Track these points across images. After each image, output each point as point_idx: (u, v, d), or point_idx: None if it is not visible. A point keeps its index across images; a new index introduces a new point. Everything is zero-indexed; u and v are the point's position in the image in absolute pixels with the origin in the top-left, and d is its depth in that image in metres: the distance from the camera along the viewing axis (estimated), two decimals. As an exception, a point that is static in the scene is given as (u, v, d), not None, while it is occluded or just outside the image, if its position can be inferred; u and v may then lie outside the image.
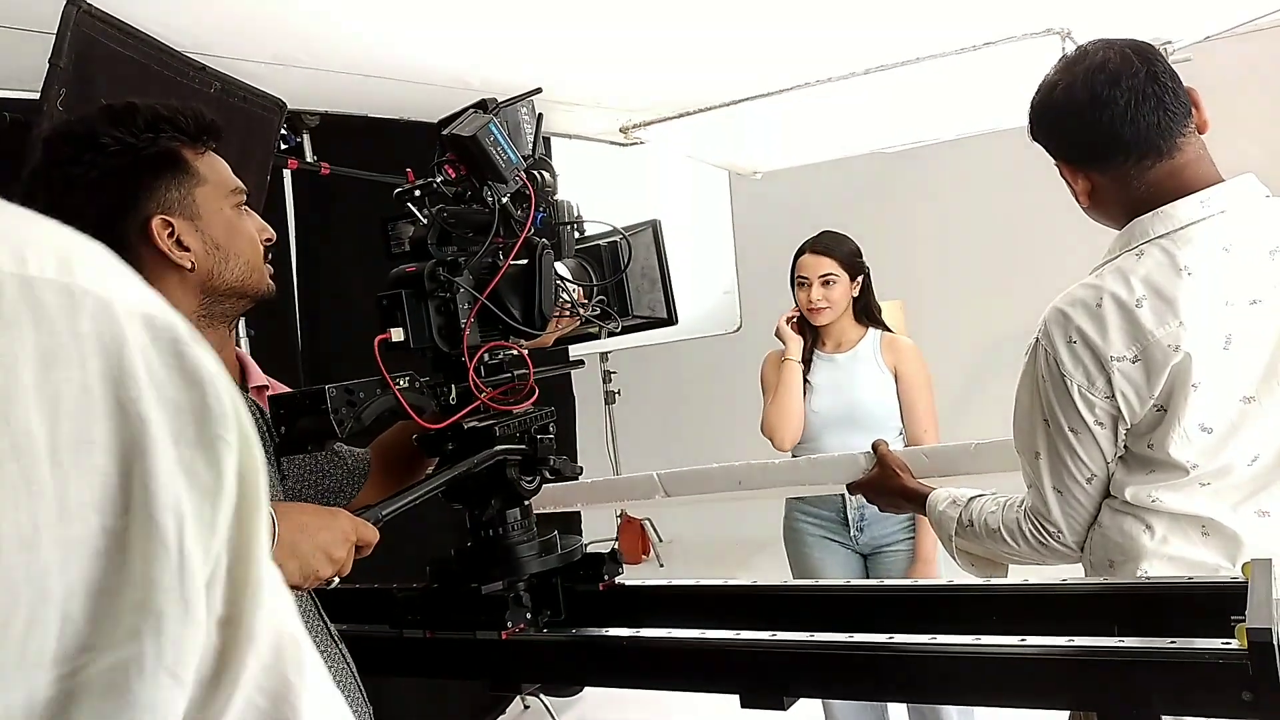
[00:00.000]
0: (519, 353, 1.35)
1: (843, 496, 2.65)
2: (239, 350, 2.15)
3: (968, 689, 1.13)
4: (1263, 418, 1.31)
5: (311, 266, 3.06)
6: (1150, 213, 1.36)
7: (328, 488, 1.46)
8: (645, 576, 1.52)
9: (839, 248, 2.76)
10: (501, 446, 1.30)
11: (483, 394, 1.28)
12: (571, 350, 2.75)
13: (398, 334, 1.23)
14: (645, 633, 1.26)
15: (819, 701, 2.73)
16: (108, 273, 0.35)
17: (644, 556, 6.18)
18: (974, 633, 1.09)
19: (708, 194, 4.73)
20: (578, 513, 3.83)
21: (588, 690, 3.83)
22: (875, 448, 1.90)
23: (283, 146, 2.66)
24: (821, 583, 2.36)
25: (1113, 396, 1.33)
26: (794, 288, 2.80)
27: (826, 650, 1.13)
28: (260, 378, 2.03)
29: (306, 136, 2.96)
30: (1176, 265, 1.31)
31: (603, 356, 5.52)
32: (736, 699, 1.16)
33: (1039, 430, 1.41)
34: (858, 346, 2.79)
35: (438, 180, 1.28)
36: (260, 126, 2.36)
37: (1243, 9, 3.10)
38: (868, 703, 2.75)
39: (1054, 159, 1.48)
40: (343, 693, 1.25)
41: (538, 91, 1.40)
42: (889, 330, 2.84)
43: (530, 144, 1.38)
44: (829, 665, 1.14)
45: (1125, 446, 1.37)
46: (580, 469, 1.44)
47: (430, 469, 1.43)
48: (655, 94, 3.39)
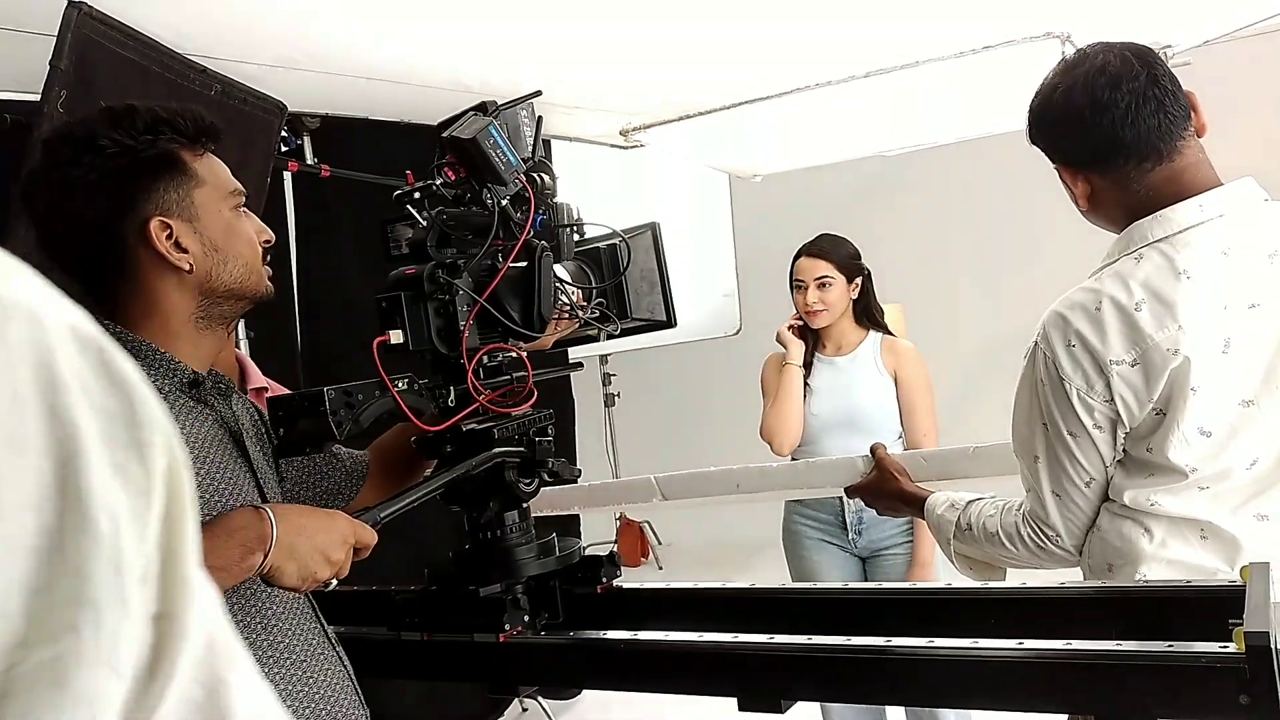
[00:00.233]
0: (518, 355, 1.35)
1: (841, 500, 2.65)
2: (238, 352, 2.16)
3: (965, 692, 1.13)
4: (1261, 421, 1.31)
5: (311, 268, 3.06)
6: (1149, 216, 1.36)
7: (326, 490, 1.46)
8: (644, 579, 1.52)
9: (835, 250, 2.76)
10: (500, 449, 1.30)
11: (481, 396, 1.28)
12: (571, 353, 2.75)
13: (397, 336, 1.23)
14: (643, 635, 1.26)
15: (817, 705, 2.72)
16: (36, 287, 0.36)
17: (643, 559, 6.17)
18: (972, 636, 1.09)
19: (708, 197, 4.73)
20: (577, 515, 3.84)
21: (586, 693, 3.83)
22: (873, 451, 1.90)
23: (283, 149, 2.67)
24: (819, 586, 2.36)
25: (1112, 400, 1.33)
26: (792, 291, 2.81)
27: (824, 653, 1.14)
28: (259, 379, 2.04)
29: (307, 139, 2.96)
30: (1175, 269, 1.31)
31: (602, 359, 5.51)
32: (734, 702, 1.16)
33: (1038, 434, 1.41)
34: (858, 349, 2.79)
35: (437, 182, 1.28)
36: (261, 129, 2.36)
37: (1241, 13, 3.10)
38: (866, 706, 2.74)
39: (1053, 162, 1.48)
40: (339, 695, 1.25)
41: (537, 94, 1.40)
42: (890, 333, 2.84)
43: (530, 146, 1.38)
44: (827, 668, 1.14)
45: (1124, 450, 1.37)
46: (579, 472, 1.45)
47: (428, 471, 1.43)
48: (655, 97, 3.40)
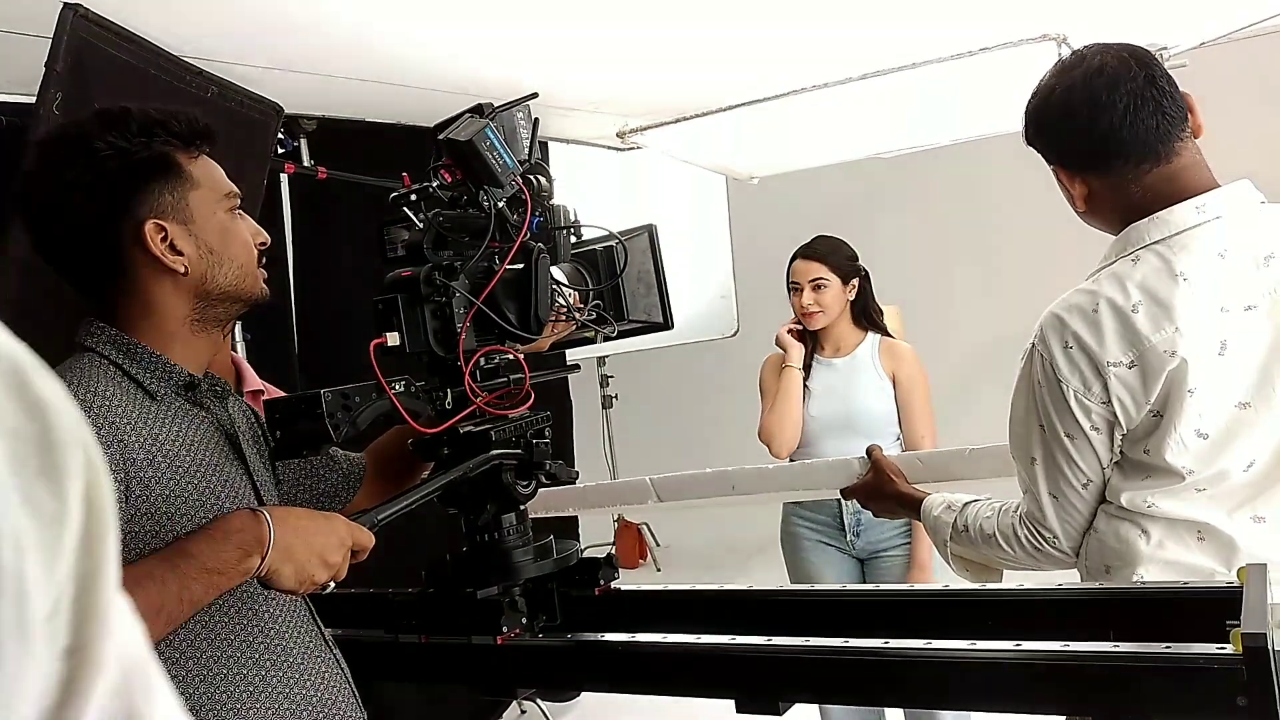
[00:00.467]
0: (515, 357, 1.35)
1: (839, 501, 2.64)
2: (234, 354, 2.15)
3: (963, 694, 1.13)
4: (1258, 424, 1.31)
5: (308, 270, 3.06)
6: (1146, 218, 1.36)
7: (322, 492, 1.46)
8: (642, 581, 1.52)
9: (830, 252, 2.76)
10: (497, 451, 1.30)
11: (478, 398, 1.28)
12: (568, 355, 2.75)
13: (393, 338, 1.23)
14: (641, 637, 1.26)
15: (815, 706, 2.72)
16: None
17: (641, 561, 6.17)
18: (970, 637, 1.09)
19: (704, 199, 4.73)
20: (575, 517, 3.83)
21: (584, 695, 3.83)
22: (869, 452, 1.89)
23: (280, 151, 2.66)
24: (817, 588, 2.36)
25: (1109, 402, 1.33)
26: (789, 293, 2.81)
27: (822, 655, 1.14)
28: (255, 382, 2.04)
29: (303, 141, 2.96)
30: (1173, 271, 1.31)
31: (600, 361, 5.51)
32: (732, 704, 1.16)
33: (1035, 436, 1.41)
34: (856, 351, 2.79)
35: (434, 185, 1.28)
36: (257, 131, 2.36)
37: (1238, 14, 3.10)
38: (864, 707, 2.74)
39: (1050, 163, 1.47)
40: (336, 697, 1.25)
41: (534, 96, 1.40)
42: (889, 334, 2.84)
43: (526, 148, 1.38)
44: (825, 670, 1.14)
45: (1121, 452, 1.37)
46: (577, 474, 1.44)
47: (425, 474, 1.43)
48: (652, 99, 3.40)
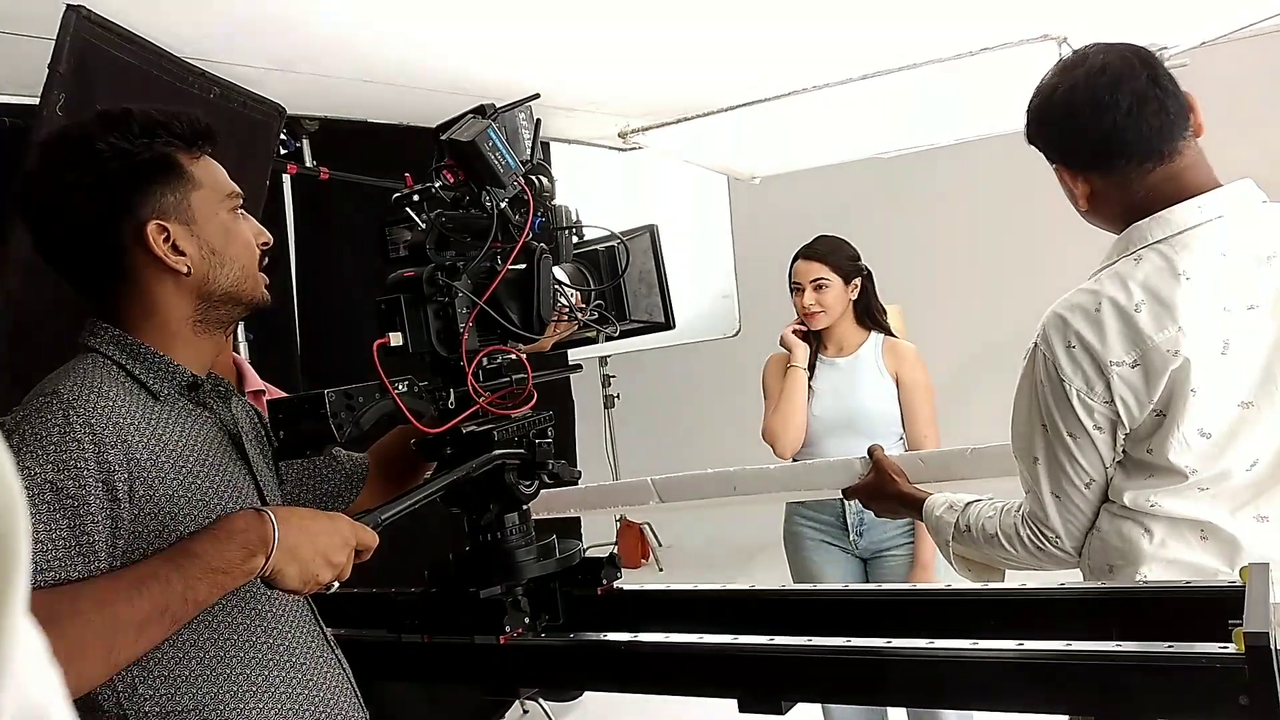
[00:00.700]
0: (517, 357, 1.35)
1: (842, 501, 2.65)
2: (235, 355, 2.16)
3: (966, 693, 1.13)
4: (1261, 423, 1.31)
5: (310, 271, 3.06)
6: (1149, 218, 1.36)
7: (325, 492, 1.46)
8: (644, 581, 1.53)
9: (831, 253, 2.76)
10: (500, 451, 1.30)
11: (481, 398, 1.28)
12: (570, 354, 2.75)
13: (396, 338, 1.23)
14: (643, 637, 1.26)
15: (818, 706, 2.72)
16: None
17: (643, 561, 6.17)
18: (973, 637, 1.09)
19: (706, 199, 4.73)
20: (577, 517, 3.83)
21: (586, 695, 3.83)
22: (871, 452, 1.90)
23: (282, 151, 2.67)
24: (820, 587, 2.36)
25: (1111, 401, 1.33)
26: (791, 294, 2.81)
27: (825, 654, 1.14)
28: (256, 382, 2.04)
29: (306, 141, 2.97)
30: (1175, 270, 1.31)
31: (602, 361, 5.52)
32: (735, 703, 1.16)
33: (1037, 435, 1.41)
34: (859, 351, 2.79)
35: (436, 185, 1.28)
36: (259, 131, 2.36)
37: (1238, 14, 3.10)
38: (867, 707, 2.74)
39: (1052, 162, 1.47)
40: (338, 697, 1.25)
41: (536, 97, 1.40)
42: (892, 334, 2.84)
43: (528, 149, 1.38)
44: (828, 669, 1.14)
45: (1124, 451, 1.37)
46: (579, 473, 1.45)
47: (428, 474, 1.43)
48: (653, 99, 3.40)
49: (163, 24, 1.95)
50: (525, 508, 1.37)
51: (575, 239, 1.48)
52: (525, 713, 3.91)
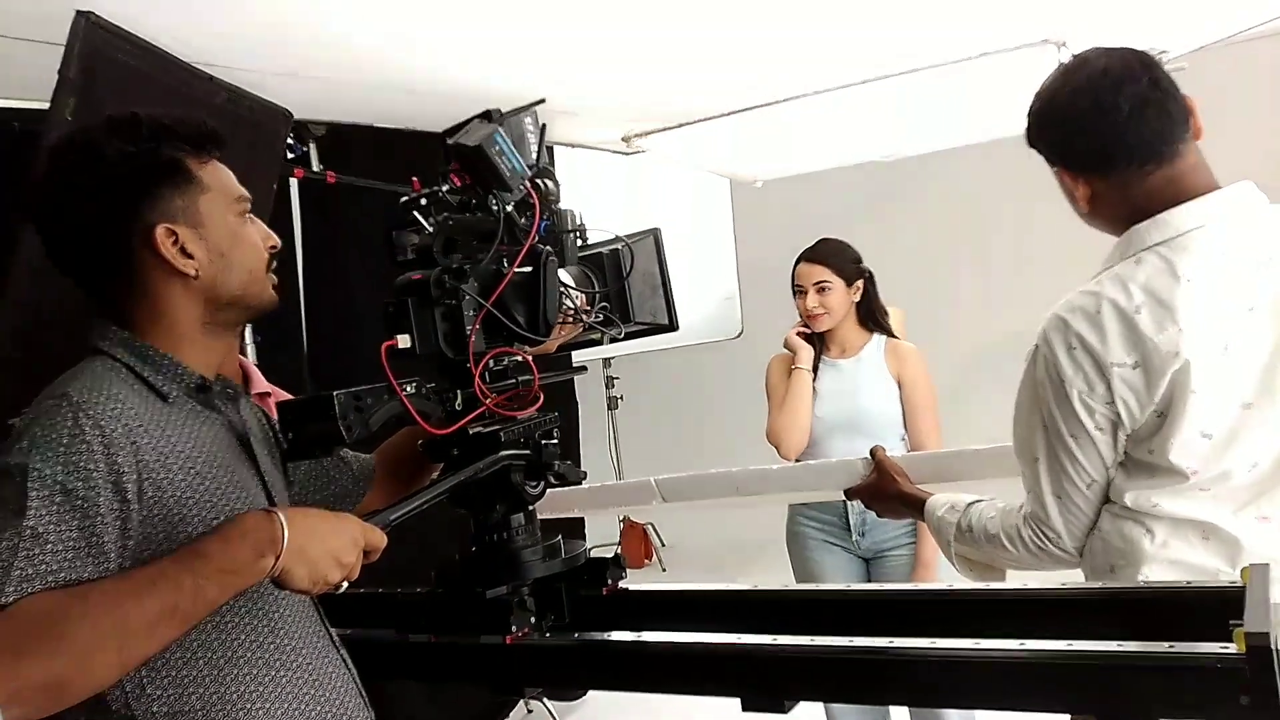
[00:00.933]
0: (524, 359, 1.36)
1: (845, 501, 2.66)
2: (241, 358, 2.17)
3: (968, 692, 1.14)
4: (1261, 424, 1.32)
5: (317, 274, 3.08)
6: (1149, 220, 1.37)
7: (333, 493, 1.47)
8: (647, 581, 1.53)
9: (833, 255, 2.77)
10: (506, 452, 1.31)
11: (488, 400, 1.29)
12: (573, 356, 2.76)
13: (404, 340, 1.24)
14: (647, 637, 1.27)
15: (820, 705, 2.73)
16: None
17: (646, 561, 6.17)
18: (974, 637, 1.10)
19: (709, 202, 4.75)
20: (581, 517, 3.84)
21: (591, 694, 3.84)
22: (873, 453, 1.90)
23: (289, 156, 2.68)
24: (823, 587, 2.37)
25: (1113, 402, 1.34)
26: (794, 296, 2.82)
27: (828, 654, 1.14)
28: (262, 384, 2.05)
29: (313, 146, 2.98)
30: (1175, 272, 1.32)
31: (605, 362, 5.53)
32: (738, 702, 1.17)
33: (1038, 436, 1.42)
34: (861, 352, 2.80)
35: (443, 189, 1.30)
36: (267, 136, 2.37)
37: (1236, 18, 3.11)
38: (869, 706, 2.75)
39: (1053, 165, 1.48)
40: (344, 697, 1.25)
41: (541, 102, 1.42)
42: (895, 336, 2.85)
43: (534, 153, 1.39)
44: (830, 669, 1.15)
45: (1125, 452, 1.38)
46: (585, 474, 1.45)
47: (435, 474, 1.44)
48: (657, 103, 3.41)
49: (171, 30, 1.96)
50: (531, 508, 1.38)
51: (580, 242, 1.49)
52: (529, 712, 3.92)
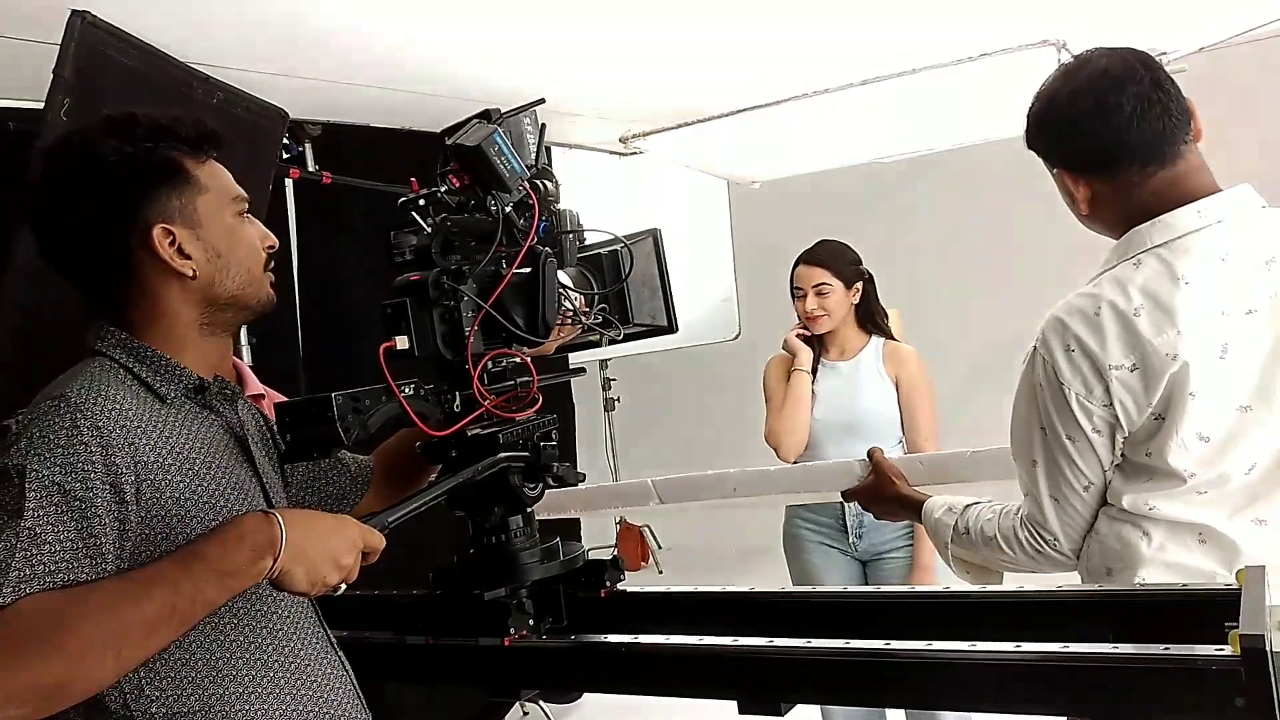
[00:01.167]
0: (522, 360, 1.36)
1: (842, 503, 2.66)
2: (235, 359, 2.17)
3: (964, 695, 1.14)
4: (1259, 427, 1.32)
5: (313, 275, 3.07)
6: (1148, 222, 1.37)
7: (331, 495, 1.47)
8: (644, 583, 1.53)
9: (832, 257, 2.77)
10: (505, 454, 1.31)
11: (486, 401, 1.29)
12: (571, 358, 2.76)
13: (402, 342, 1.24)
14: (645, 639, 1.27)
15: (817, 707, 2.73)
16: None
17: (643, 563, 6.18)
18: (971, 639, 1.10)
19: (707, 203, 4.74)
20: (577, 519, 3.84)
21: (586, 696, 3.84)
22: (870, 455, 1.90)
23: (285, 156, 2.67)
24: (820, 589, 2.37)
25: (1110, 405, 1.34)
26: (793, 298, 2.82)
27: (825, 656, 1.14)
28: (256, 386, 2.05)
29: (308, 146, 2.97)
30: (1174, 275, 1.32)
31: (602, 364, 5.53)
32: (735, 705, 1.17)
33: (1036, 438, 1.42)
34: (860, 354, 2.80)
35: (442, 190, 1.29)
36: (263, 136, 2.37)
37: (1237, 19, 3.11)
38: (866, 708, 2.75)
39: (1052, 167, 1.47)
40: (341, 699, 1.25)
41: (540, 102, 1.41)
42: (894, 338, 2.85)
43: (533, 154, 1.39)
44: (827, 671, 1.15)
45: (1123, 455, 1.38)
46: (583, 476, 1.45)
47: (432, 476, 1.44)
48: (654, 104, 3.41)
49: (167, 29, 1.95)
50: (529, 510, 1.38)
51: (579, 243, 1.49)
52: (525, 714, 3.92)
